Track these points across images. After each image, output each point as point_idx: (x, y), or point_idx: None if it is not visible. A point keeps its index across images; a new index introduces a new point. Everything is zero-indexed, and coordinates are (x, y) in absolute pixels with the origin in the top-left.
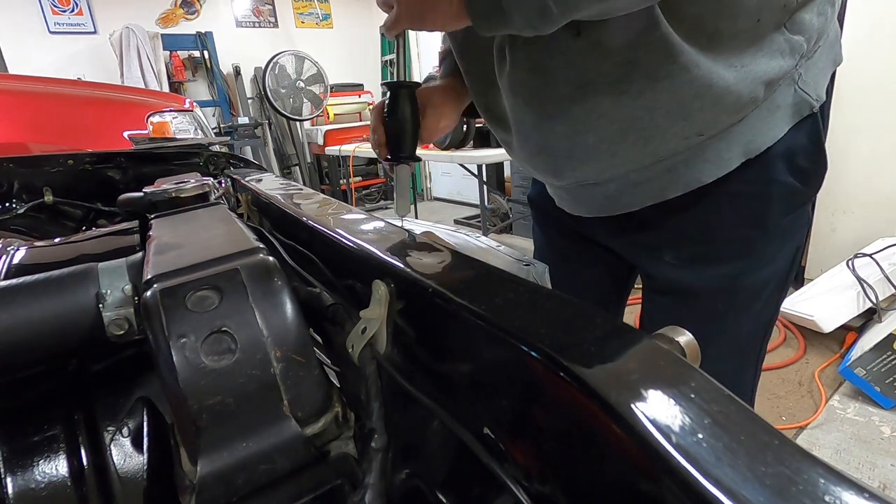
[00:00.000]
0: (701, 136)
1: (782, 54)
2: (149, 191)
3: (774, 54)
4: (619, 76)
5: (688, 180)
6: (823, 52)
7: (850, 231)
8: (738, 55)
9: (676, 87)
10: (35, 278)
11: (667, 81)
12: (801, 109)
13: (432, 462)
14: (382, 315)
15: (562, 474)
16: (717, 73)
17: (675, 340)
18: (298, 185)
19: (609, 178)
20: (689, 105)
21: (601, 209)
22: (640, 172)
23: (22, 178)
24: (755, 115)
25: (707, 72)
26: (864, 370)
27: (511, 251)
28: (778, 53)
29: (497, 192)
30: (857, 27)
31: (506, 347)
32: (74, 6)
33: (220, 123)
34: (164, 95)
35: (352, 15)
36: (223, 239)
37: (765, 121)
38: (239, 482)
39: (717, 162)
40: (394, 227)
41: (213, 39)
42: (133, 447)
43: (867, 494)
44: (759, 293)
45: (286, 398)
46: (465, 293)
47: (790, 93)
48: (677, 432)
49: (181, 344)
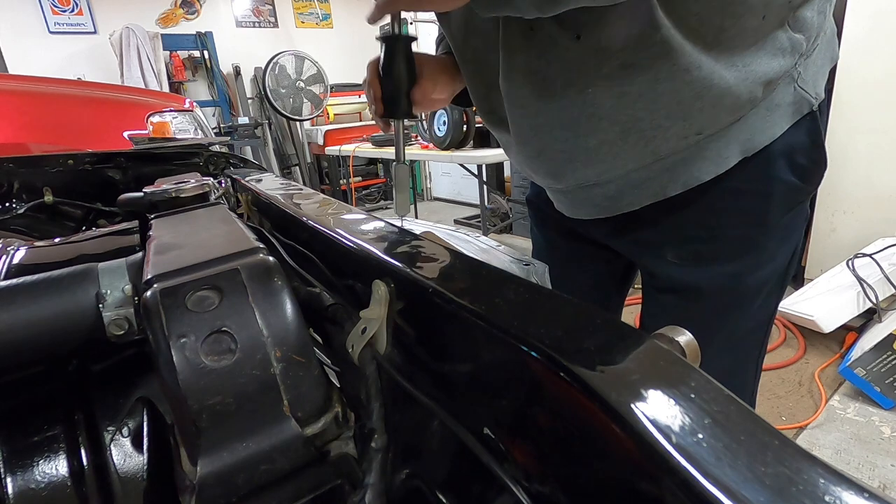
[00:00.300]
0: (700, 136)
1: (783, 53)
2: (149, 191)
3: (776, 53)
4: (620, 79)
5: (687, 179)
6: (821, 50)
7: (850, 231)
8: (741, 54)
9: (677, 88)
10: (35, 278)
11: (668, 83)
12: (800, 108)
13: (432, 462)
14: (382, 315)
15: (562, 474)
16: (719, 74)
17: (675, 340)
18: (298, 185)
19: (609, 179)
20: (689, 105)
21: (602, 211)
22: (639, 172)
23: (22, 178)
24: (754, 114)
25: (708, 72)
26: (864, 370)
27: (511, 251)
28: (780, 52)
29: (497, 192)
30: (857, 27)
31: (506, 347)
32: (74, 6)
33: (220, 123)
34: (164, 95)
35: (352, 15)
36: (223, 239)
37: (764, 119)
38: (239, 482)
39: (716, 160)
40: (394, 227)
41: (213, 39)
42: (133, 447)
43: (867, 494)
44: (760, 291)
45: (286, 398)
46: (465, 293)
47: (790, 91)
48: (677, 432)
49: (181, 344)
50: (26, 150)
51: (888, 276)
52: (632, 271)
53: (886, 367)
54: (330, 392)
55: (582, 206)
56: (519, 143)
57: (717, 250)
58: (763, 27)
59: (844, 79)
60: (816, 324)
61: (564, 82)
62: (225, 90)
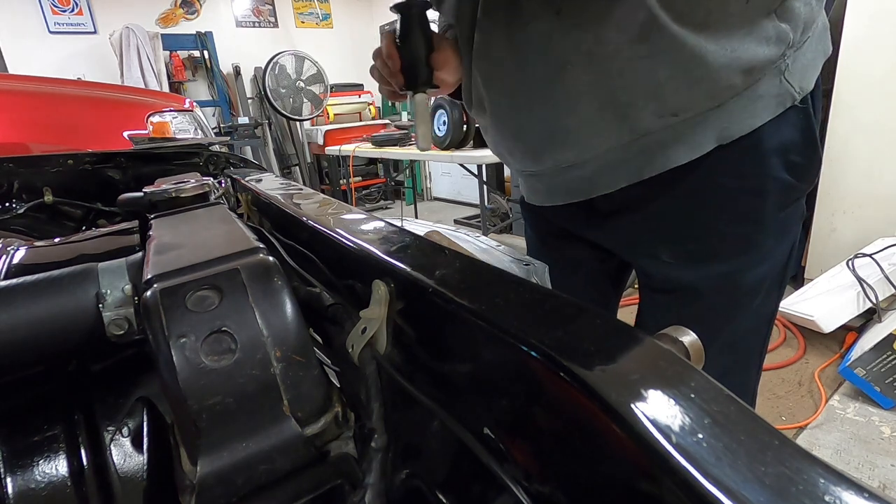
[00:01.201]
0: (675, 118)
1: (768, 42)
2: (149, 191)
3: (762, 41)
4: (600, 55)
5: (664, 161)
6: (812, 43)
7: (849, 231)
8: (728, 38)
9: (656, 66)
10: (35, 278)
11: (647, 61)
12: (784, 100)
13: (432, 462)
14: (382, 315)
15: (562, 474)
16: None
17: (678, 340)
18: (298, 185)
19: (587, 159)
20: (665, 84)
21: (578, 194)
22: (616, 153)
23: (22, 178)
24: (734, 103)
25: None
26: (864, 370)
27: (511, 251)
28: (765, 41)
29: (497, 192)
30: (857, 27)
31: (506, 347)
32: (74, 6)
33: (220, 123)
34: (164, 95)
35: (352, 15)
36: (223, 239)
37: (744, 109)
38: (239, 482)
39: (691, 144)
40: (394, 227)
41: (213, 39)
42: (133, 447)
43: (867, 494)
44: (759, 289)
45: (286, 398)
46: (465, 293)
47: (775, 83)
48: (677, 432)
49: (181, 344)
50: (26, 150)
51: (888, 276)
52: (626, 270)
53: (886, 367)
54: (330, 392)
55: (557, 191)
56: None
57: (712, 249)
58: (748, 13)
59: (844, 78)
60: (816, 324)
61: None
62: (225, 90)
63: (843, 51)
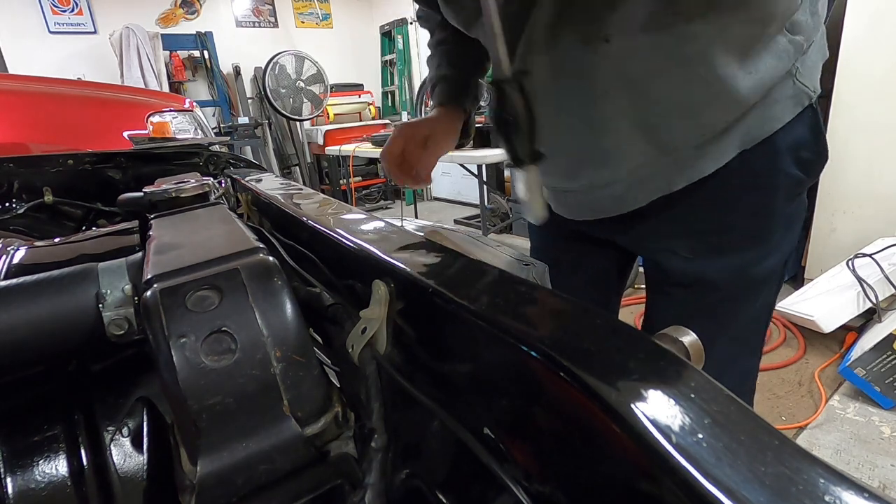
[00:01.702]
0: (704, 135)
1: (787, 55)
2: (149, 191)
3: (779, 55)
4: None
5: (691, 174)
6: (815, 47)
7: (850, 231)
8: (752, 61)
9: (694, 90)
10: (35, 278)
11: (686, 88)
12: (800, 100)
13: (432, 462)
14: (382, 315)
15: (562, 474)
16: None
17: (678, 340)
18: (298, 185)
19: (620, 178)
20: (701, 107)
21: (607, 211)
22: (646, 169)
23: (22, 178)
24: (753, 112)
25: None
26: (864, 370)
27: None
28: (784, 54)
29: (497, 192)
30: (857, 26)
31: (506, 347)
32: (74, 6)
33: (220, 123)
34: (164, 95)
35: (352, 15)
36: (223, 239)
37: (762, 114)
38: (239, 482)
39: (717, 155)
40: (394, 227)
41: (213, 39)
42: (133, 447)
43: (867, 494)
44: (767, 280)
45: (286, 398)
46: (465, 293)
47: (789, 85)
48: (677, 432)
49: (181, 344)
50: (26, 150)
51: (888, 276)
52: (628, 269)
53: (886, 367)
54: (330, 392)
55: (587, 207)
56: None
57: (728, 242)
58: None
59: (844, 78)
60: (816, 324)
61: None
62: (225, 90)
63: (843, 51)
